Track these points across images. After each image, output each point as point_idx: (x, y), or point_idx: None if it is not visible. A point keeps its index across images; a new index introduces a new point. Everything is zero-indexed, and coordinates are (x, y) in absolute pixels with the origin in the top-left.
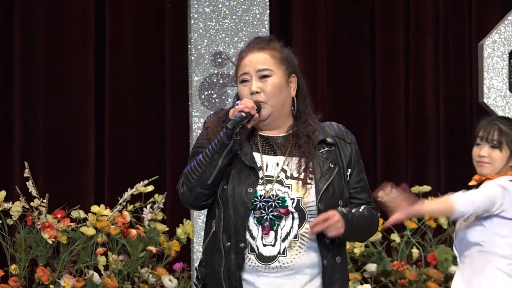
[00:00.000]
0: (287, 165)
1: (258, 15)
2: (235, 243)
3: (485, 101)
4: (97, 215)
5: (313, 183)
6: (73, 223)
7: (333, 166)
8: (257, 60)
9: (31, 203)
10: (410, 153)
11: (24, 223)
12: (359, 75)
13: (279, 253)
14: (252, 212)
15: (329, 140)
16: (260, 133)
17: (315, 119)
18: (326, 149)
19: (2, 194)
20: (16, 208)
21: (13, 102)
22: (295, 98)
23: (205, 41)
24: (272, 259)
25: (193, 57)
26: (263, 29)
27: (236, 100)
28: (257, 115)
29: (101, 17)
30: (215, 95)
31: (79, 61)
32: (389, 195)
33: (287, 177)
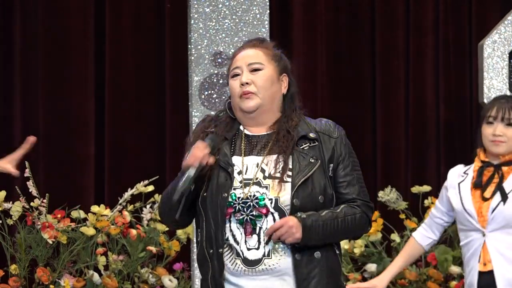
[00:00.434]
0: (266, 164)
1: (258, 15)
2: (216, 249)
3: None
4: (97, 215)
5: (290, 180)
6: (73, 223)
7: (313, 161)
8: (248, 54)
9: (31, 203)
10: (410, 153)
11: (24, 223)
12: (359, 75)
13: (264, 255)
14: (232, 215)
15: (311, 135)
16: (245, 132)
17: (301, 114)
18: (308, 144)
19: (2, 194)
20: (16, 208)
21: (13, 102)
22: (284, 96)
23: (205, 41)
24: (257, 262)
25: (193, 57)
26: (263, 29)
27: (227, 100)
28: (211, 159)
29: (101, 17)
30: (215, 95)
31: (79, 61)
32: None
33: (264, 177)
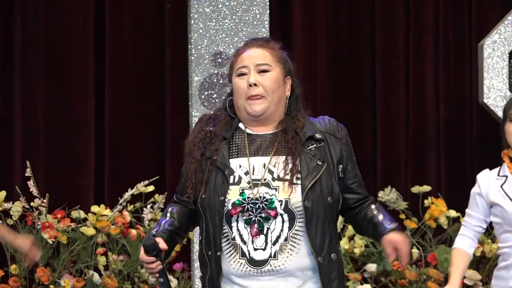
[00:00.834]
0: (274, 166)
1: (258, 15)
2: (214, 252)
3: (485, 101)
4: (97, 215)
5: (299, 182)
6: (73, 223)
7: (321, 163)
8: (256, 55)
9: (31, 203)
10: (410, 153)
11: (24, 223)
12: (359, 75)
13: (270, 256)
14: (240, 214)
15: (317, 136)
16: (247, 131)
17: (305, 115)
18: (314, 145)
19: (2, 194)
20: (16, 208)
21: (13, 102)
22: (288, 98)
23: (205, 41)
24: (263, 263)
25: (193, 57)
26: (263, 29)
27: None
28: (164, 248)
29: (101, 17)
30: (215, 95)
31: (79, 61)
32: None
33: (273, 179)
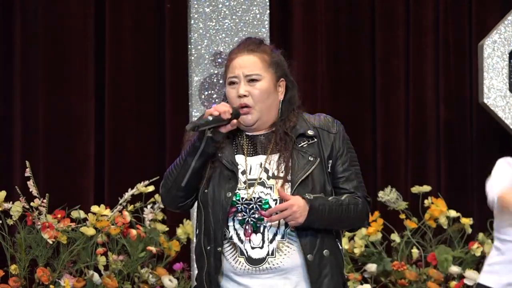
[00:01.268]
0: (269, 164)
1: (258, 15)
2: (214, 247)
3: (485, 101)
4: (97, 215)
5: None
6: (73, 223)
7: (312, 159)
8: (246, 63)
9: (31, 203)
10: (410, 153)
11: (24, 223)
12: (359, 75)
13: (267, 254)
14: (235, 215)
15: (309, 133)
16: (246, 133)
17: (298, 114)
18: (306, 142)
19: (2, 194)
20: (16, 208)
21: (13, 102)
22: (282, 101)
23: (205, 41)
24: (261, 261)
25: (193, 57)
26: (263, 29)
27: (223, 100)
28: (234, 121)
29: (101, 17)
30: (215, 95)
31: (79, 61)
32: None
33: (268, 177)
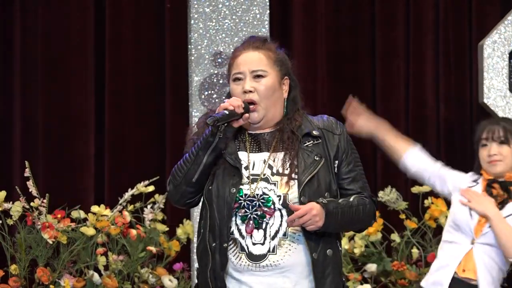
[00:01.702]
0: (273, 161)
1: (258, 15)
2: (219, 244)
3: (485, 101)
4: (97, 215)
5: (297, 177)
6: (73, 223)
7: (318, 159)
8: (251, 60)
9: (31, 203)
10: None
11: (24, 223)
12: (359, 75)
13: (268, 251)
14: (237, 211)
15: (314, 133)
16: (248, 132)
17: (303, 114)
18: (311, 142)
19: (2, 194)
20: (16, 208)
21: (13, 102)
22: (286, 99)
23: (205, 41)
24: (262, 257)
25: (193, 57)
26: (263, 29)
27: (228, 98)
28: (246, 115)
29: (101, 17)
30: (215, 95)
31: (79, 61)
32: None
33: (272, 174)
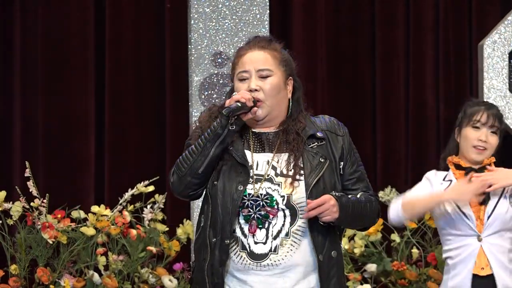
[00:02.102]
0: (277, 162)
1: (258, 15)
2: (221, 240)
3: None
4: (97, 215)
5: (302, 179)
6: (73, 223)
7: (323, 160)
8: (257, 59)
9: (31, 203)
10: (410, 153)
11: (24, 223)
12: (359, 75)
13: (270, 250)
14: (240, 210)
15: (319, 134)
16: (252, 130)
17: (306, 115)
18: (316, 143)
19: (2, 194)
20: (16, 208)
21: (13, 102)
22: (290, 100)
23: (205, 41)
24: (263, 256)
25: (193, 57)
26: (263, 29)
27: (229, 96)
28: (255, 108)
29: (101, 17)
30: (215, 95)
31: (79, 61)
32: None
33: (276, 175)
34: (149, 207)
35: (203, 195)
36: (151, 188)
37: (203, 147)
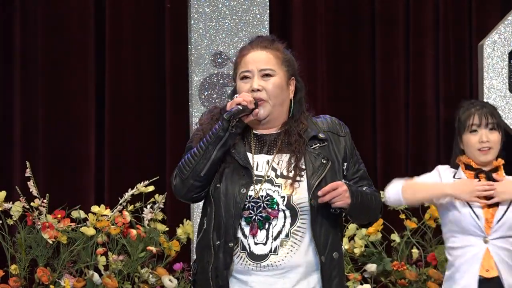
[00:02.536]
0: (278, 163)
1: (258, 15)
2: (224, 242)
3: (485, 101)
4: (97, 215)
5: (303, 180)
6: (73, 223)
7: (325, 162)
8: (260, 58)
9: (32, 203)
10: (410, 153)
11: (24, 223)
12: (359, 75)
13: (270, 251)
14: (241, 212)
15: (321, 136)
16: (254, 132)
17: (308, 116)
18: (318, 145)
19: (2, 194)
20: (16, 208)
21: (13, 102)
22: (292, 100)
23: (205, 41)
24: (263, 257)
25: (193, 57)
26: (263, 29)
27: (231, 96)
28: (256, 110)
29: (101, 17)
30: (215, 95)
31: (79, 61)
32: None
33: (277, 176)
34: (149, 207)
35: (206, 197)
36: (151, 188)
37: (205, 150)
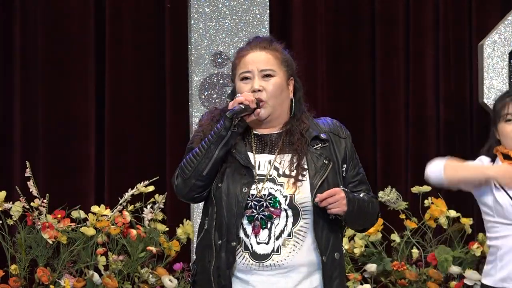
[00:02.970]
0: (279, 163)
1: (258, 15)
2: (226, 242)
3: (485, 101)
4: (97, 215)
5: (305, 179)
6: (73, 223)
7: (327, 162)
8: (260, 59)
9: (32, 203)
10: (410, 153)
11: (24, 223)
12: (359, 75)
13: (272, 251)
14: (243, 211)
15: (322, 136)
16: (254, 132)
17: (309, 117)
18: (320, 145)
19: (2, 194)
20: (16, 208)
21: (13, 102)
22: (292, 100)
23: (205, 41)
24: (265, 257)
25: (193, 57)
26: (263, 29)
27: (231, 97)
28: (258, 110)
29: (101, 17)
30: (215, 95)
31: (79, 61)
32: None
33: (279, 175)
34: (149, 207)
35: (207, 197)
36: (151, 188)
37: (207, 149)
